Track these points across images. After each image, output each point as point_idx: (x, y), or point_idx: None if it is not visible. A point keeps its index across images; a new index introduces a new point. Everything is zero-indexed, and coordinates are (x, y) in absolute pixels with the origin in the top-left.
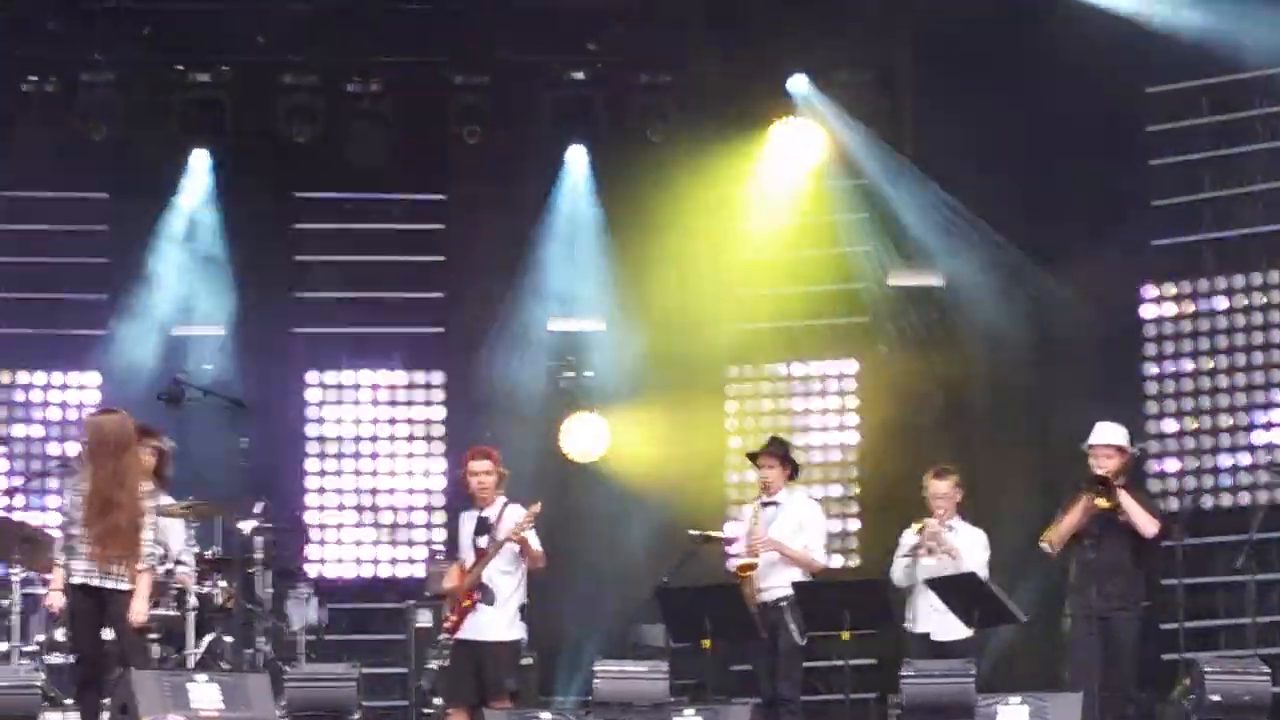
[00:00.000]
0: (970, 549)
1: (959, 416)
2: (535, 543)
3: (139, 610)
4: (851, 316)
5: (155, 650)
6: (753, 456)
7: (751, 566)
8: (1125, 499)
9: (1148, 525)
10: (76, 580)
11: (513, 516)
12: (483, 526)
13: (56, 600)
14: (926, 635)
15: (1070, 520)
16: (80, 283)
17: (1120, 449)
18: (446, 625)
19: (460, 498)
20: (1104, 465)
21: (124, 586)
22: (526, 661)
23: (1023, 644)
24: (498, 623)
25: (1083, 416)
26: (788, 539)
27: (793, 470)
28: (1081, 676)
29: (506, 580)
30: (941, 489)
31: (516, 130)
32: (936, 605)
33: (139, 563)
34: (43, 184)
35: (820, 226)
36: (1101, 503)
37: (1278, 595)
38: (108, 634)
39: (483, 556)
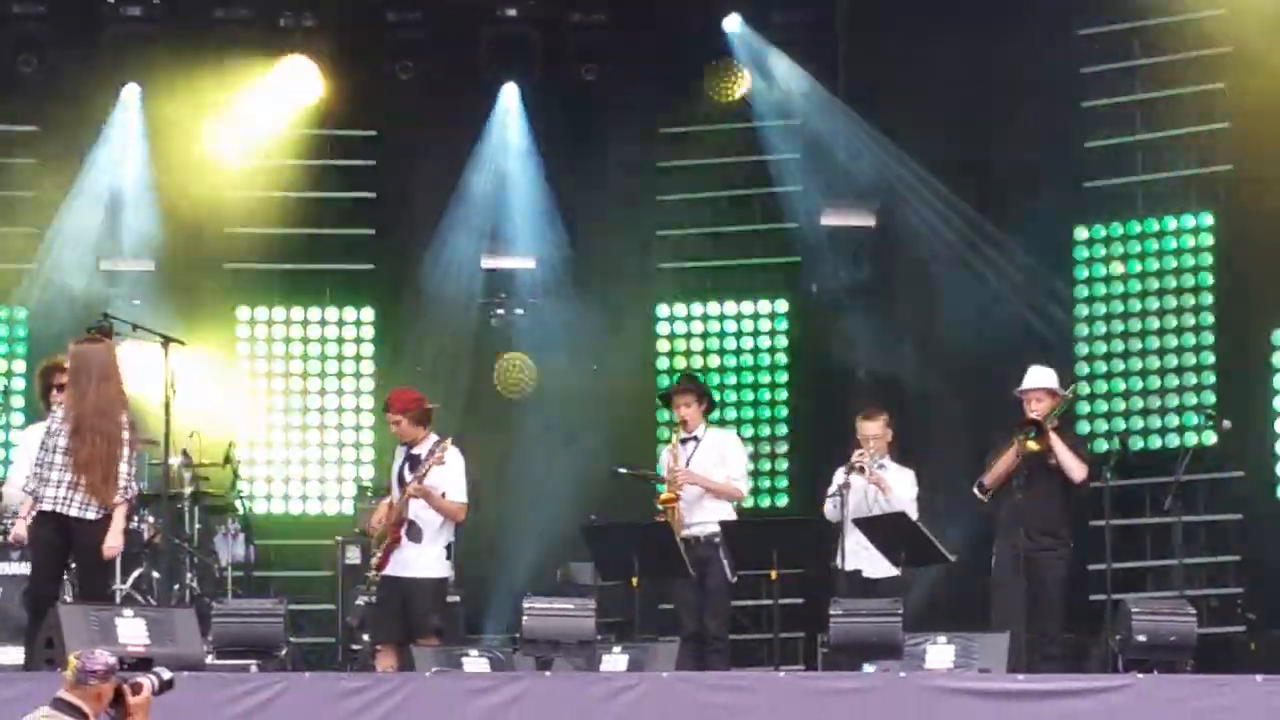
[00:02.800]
0: (900, 487)
1: (890, 357)
2: (451, 491)
3: (113, 544)
4: (782, 255)
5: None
6: (665, 397)
7: (674, 499)
8: (1056, 443)
9: (1076, 470)
10: (45, 508)
11: (450, 461)
12: (413, 462)
13: (20, 529)
14: (857, 572)
15: (1003, 465)
16: (9, 216)
17: (1051, 392)
18: (375, 562)
19: (390, 436)
20: (1035, 409)
21: (91, 516)
22: (454, 599)
23: (951, 584)
24: (423, 560)
25: (1015, 358)
26: (709, 473)
27: (709, 404)
28: (1008, 616)
29: (432, 518)
30: (872, 430)
31: (450, 67)
32: (865, 543)
33: (115, 495)
34: None
35: (752, 166)
36: (1032, 445)
37: (1204, 537)
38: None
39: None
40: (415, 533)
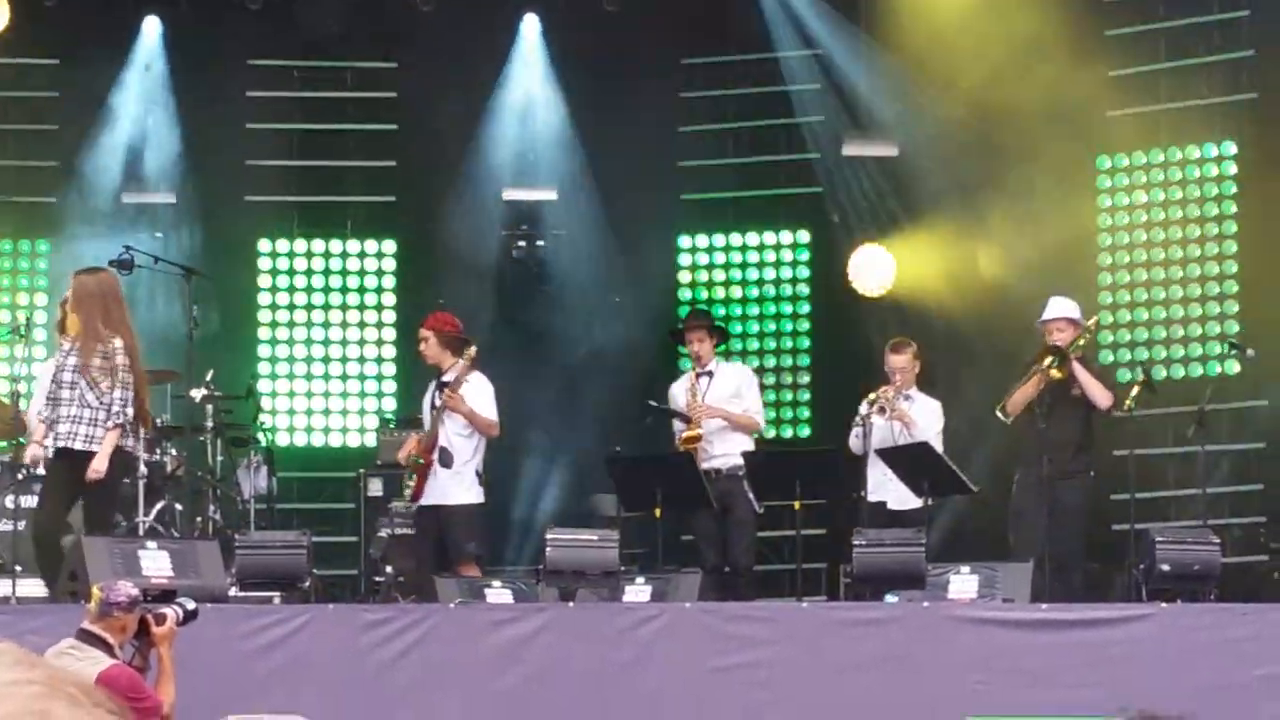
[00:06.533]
0: (927, 419)
1: (912, 287)
2: (480, 409)
3: (97, 467)
4: (804, 186)
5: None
6: (675, 334)
7: (697, 438)
8: (1079, 370)
9: (1103, 397)
10: (59, 444)
11: (475, 382)
12: (443, 389)
13: (36, 452)
14: (882, 504)
15: (1026, 389)
16: (31, 150)
17: (1073, 321)
18: (410, 493)
19: (413, 367)
20: (1057, 338)
21: (96, 448)
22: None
23: (976, 514)
24: (457, 487)
25: (1037, 288)
26: (725, 405)
27: (721, 337)
28: (1030, 546)
29: (463, 444)
30: (899, 362)
31: None
32: (890, 475)
33: (109, 419)
34: None
35: (773, 96)
36: (1055, 373)
37: (1227, 466)
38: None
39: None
40: (447, 458)
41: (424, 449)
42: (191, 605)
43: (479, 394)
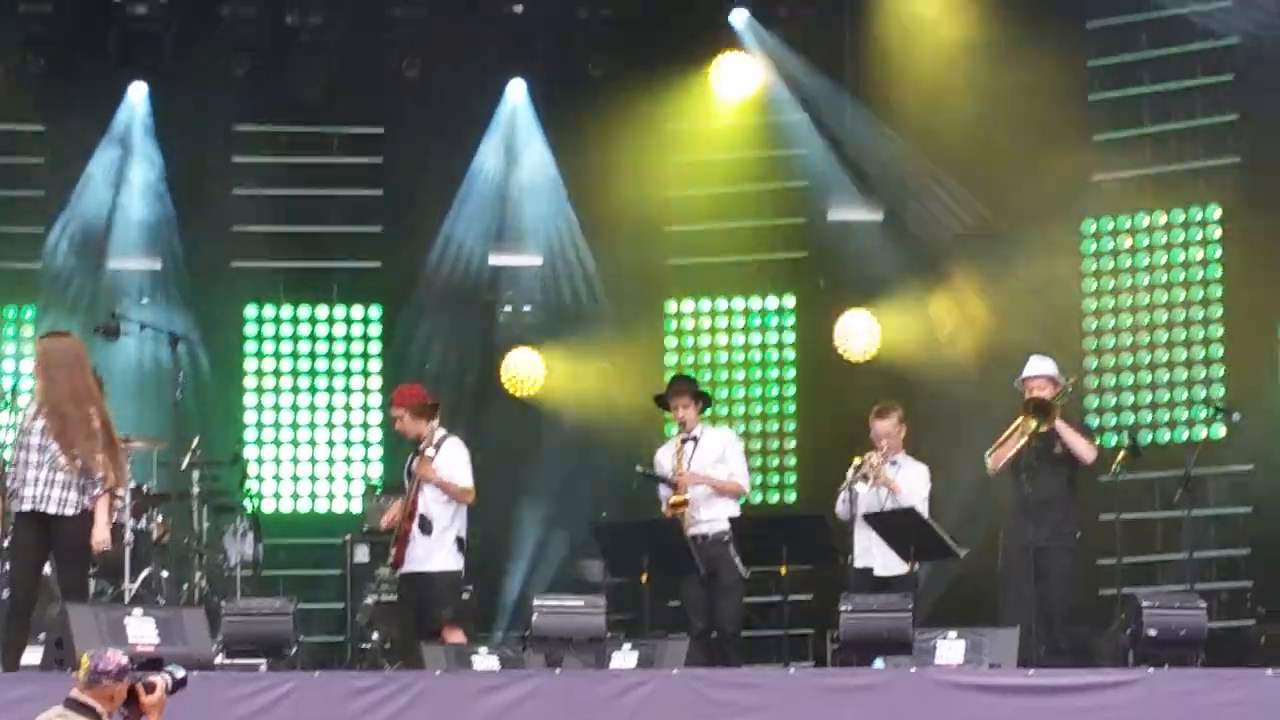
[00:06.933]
0: (913, 484)
1: (898, 352)
2: (453, 476)
3: (101, 537)
4: (790, 251)
5: (91, 584)
6: (661, 400)
7: (684, 503)
8: (1061, 425)
9: (1086, 450)
10: (24, 508)
11: (448, 449)
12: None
13: None
14: (869, 570)
15: (1011, 443)
16: (16, 216)
17: (1052, 379)
18: (391, 560)
19: (398, 433)
20: (1038, 395)
21: (70, 512)
22: (465, 595)
23: (964, 579)
24: (436, 554)
25: (1023, 352)
26: (711, 471)
27: (705, 402)
28: (1018, 610)
29: (442, 510)
30: (884, 427)
31: (456, 63)
32: (877, 540)
33: (95, 487)
34: None
35: (759, 161)
36: (1034, 423)
37: (1214, 530)
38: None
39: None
40: (426, 525)
41: (403, 516)
42: (181, 673)
43: (453, 461)
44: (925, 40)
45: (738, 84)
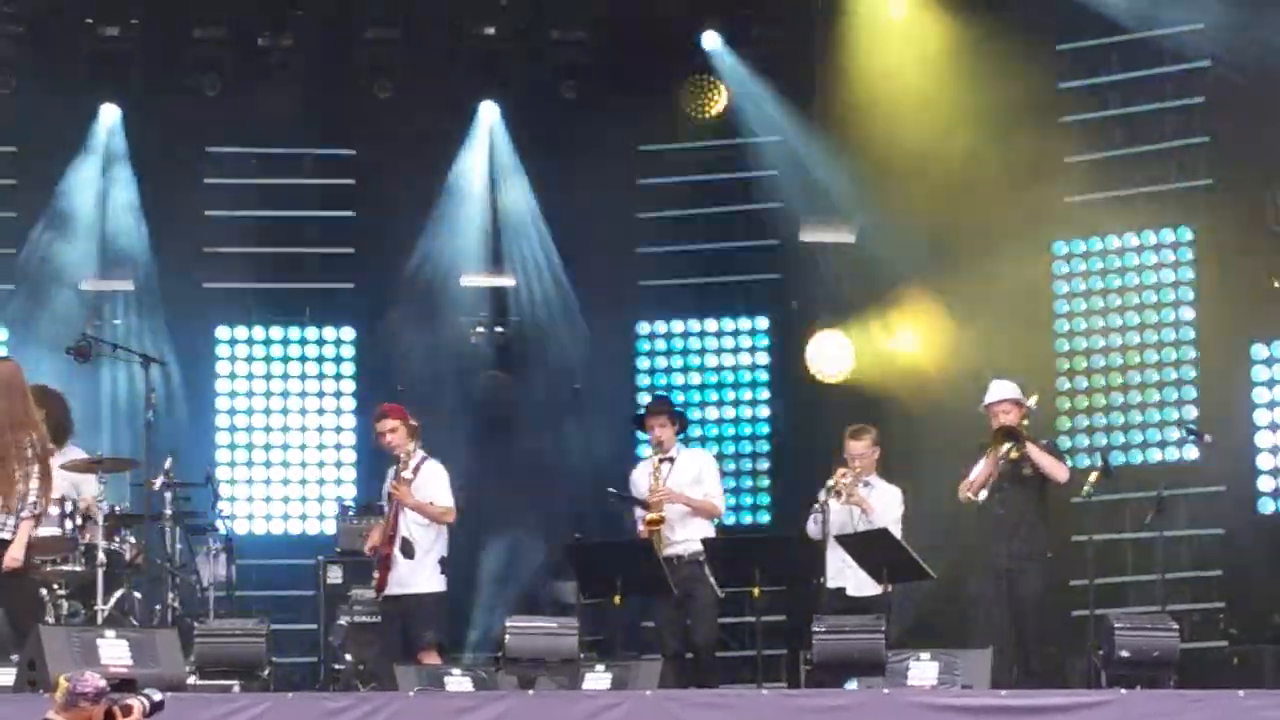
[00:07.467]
0: (886, 505)
1: (871, 373)
2: (433, 496)
3: (14, 555)
4: (762, 273)
5: (64, 606)
6: (639, 420)
7: (660, 521)
8: (1032, 448)
9: (1058, 470)
10: None
11: (428, 470)
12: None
13: None
14: (841, 590)
15: (983, 470)
16: None
17: (1016, 403)
18: (374, 583)
19: (372, 454)
20: (1003, 420)
21: (6, 536)
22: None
23: (935, 600)
24: (417, 575)
25: (993, 372)
26: (686, 490)
27: (682, 424)
28: (991, 632)
29: (423, 533)
30: (858, 448)
31: (428, 85)
32: (849, 560)
33: (25, 510)
34: None
35: (731, 182)
36: (1002, 448)
37: (1186, 551)
38: None
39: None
40: (408, 549)
41: (384, 540)
42: (158, 696)
43: (433, 481)
44: (895, 63)
45: (709, 106)
